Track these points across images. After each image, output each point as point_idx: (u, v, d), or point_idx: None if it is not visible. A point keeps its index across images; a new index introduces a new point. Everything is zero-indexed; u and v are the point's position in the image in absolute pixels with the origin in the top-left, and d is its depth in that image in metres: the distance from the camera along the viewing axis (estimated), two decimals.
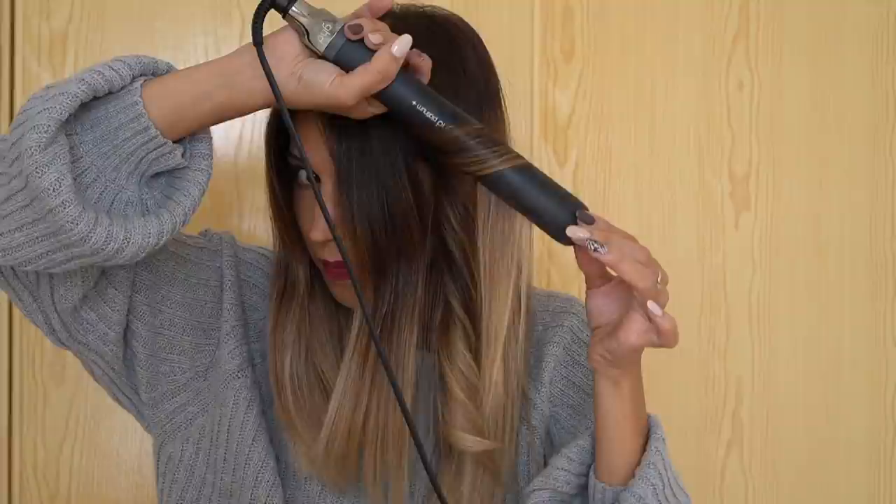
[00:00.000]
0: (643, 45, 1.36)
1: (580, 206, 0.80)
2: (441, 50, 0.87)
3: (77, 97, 0.73)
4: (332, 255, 0.87)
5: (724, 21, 1.37)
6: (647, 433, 0.87)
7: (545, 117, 1.34)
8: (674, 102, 1.37)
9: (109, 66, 0.76)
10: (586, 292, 0.84)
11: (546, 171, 1.33)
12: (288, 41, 0.79)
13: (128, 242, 0.75)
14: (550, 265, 1.34)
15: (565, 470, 0.88)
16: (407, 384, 0.86)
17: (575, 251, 0.80)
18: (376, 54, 0.77)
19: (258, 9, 0.80)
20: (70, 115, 0.74)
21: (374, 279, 0.84)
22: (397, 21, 0.88)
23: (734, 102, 1.37)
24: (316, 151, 0.85)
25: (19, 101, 1.25)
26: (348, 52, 0.78)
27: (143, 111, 0.76)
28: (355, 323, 0.87)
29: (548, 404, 0.97)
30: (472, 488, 0.90)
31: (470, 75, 0.89)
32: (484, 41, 0.93)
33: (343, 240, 0.84)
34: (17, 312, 1.26)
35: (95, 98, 0.76)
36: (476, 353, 0.89)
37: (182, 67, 0.82)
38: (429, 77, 0.82)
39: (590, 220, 0.78)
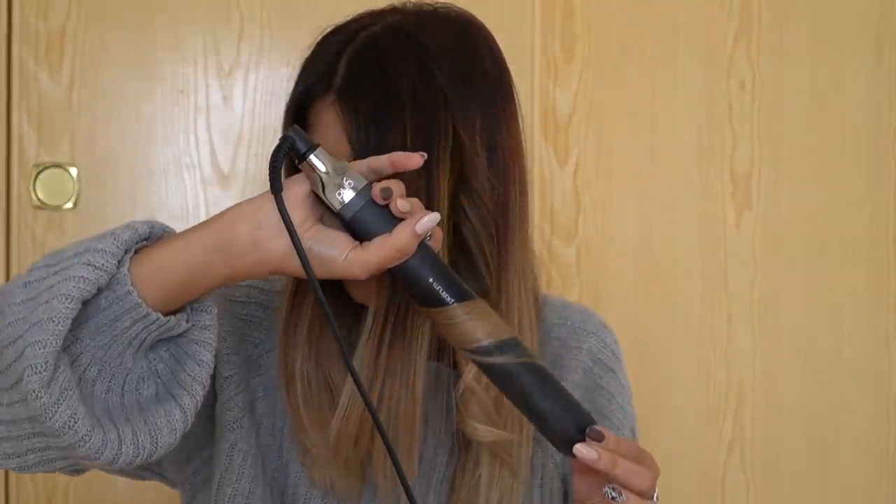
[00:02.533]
0: (643, 44, 1.36)
1: (589, 421, 0.75)
2: (457, 45, 0.87)
3: (68, 318, 0.68)
4: None
5: (725, 20, 1.37)
6: None
7: (545, 117, 1.34)
8: (674, 102, 1.36)
9: (90, 265, 0.69)
10: (573, 471, 0.80)
11: (546, 172, 1.34)
12: (295, 201, 0.72)
13: (156, 447, 0.72)
14: (551, 265, 1.34)
15: None
16: (419, 372, 0.85)
17: (573, 460, 0.77)
18: (397, 228, 0.72)
19: (275, 152, 0.72)
20: None
21: (390, 270, 0.82)
22: (410, 17, 0.88)
23: (735, 102, 1.37)
24: (335, 141, 0.84)
25: (17, 100, 1.25)
26: (366, 215, 0.71)
27: (140, 300, 0.70)
28: (371, 312, 0.85)
29: None
30: (490, 482, 0.89)
31: (486, 70, 0.89)
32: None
33: None
34: None
35: None
36: None
37: (180, 69, 0.81)
38: (440, 246, 0.77)
39: (599, 438, 0.73)
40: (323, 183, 0.72)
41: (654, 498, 0.75)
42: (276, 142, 0.80)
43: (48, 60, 1.25)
